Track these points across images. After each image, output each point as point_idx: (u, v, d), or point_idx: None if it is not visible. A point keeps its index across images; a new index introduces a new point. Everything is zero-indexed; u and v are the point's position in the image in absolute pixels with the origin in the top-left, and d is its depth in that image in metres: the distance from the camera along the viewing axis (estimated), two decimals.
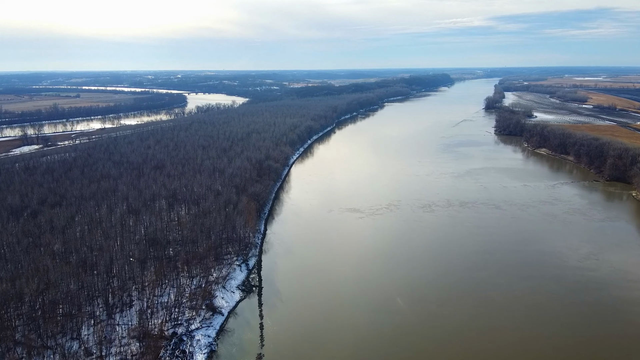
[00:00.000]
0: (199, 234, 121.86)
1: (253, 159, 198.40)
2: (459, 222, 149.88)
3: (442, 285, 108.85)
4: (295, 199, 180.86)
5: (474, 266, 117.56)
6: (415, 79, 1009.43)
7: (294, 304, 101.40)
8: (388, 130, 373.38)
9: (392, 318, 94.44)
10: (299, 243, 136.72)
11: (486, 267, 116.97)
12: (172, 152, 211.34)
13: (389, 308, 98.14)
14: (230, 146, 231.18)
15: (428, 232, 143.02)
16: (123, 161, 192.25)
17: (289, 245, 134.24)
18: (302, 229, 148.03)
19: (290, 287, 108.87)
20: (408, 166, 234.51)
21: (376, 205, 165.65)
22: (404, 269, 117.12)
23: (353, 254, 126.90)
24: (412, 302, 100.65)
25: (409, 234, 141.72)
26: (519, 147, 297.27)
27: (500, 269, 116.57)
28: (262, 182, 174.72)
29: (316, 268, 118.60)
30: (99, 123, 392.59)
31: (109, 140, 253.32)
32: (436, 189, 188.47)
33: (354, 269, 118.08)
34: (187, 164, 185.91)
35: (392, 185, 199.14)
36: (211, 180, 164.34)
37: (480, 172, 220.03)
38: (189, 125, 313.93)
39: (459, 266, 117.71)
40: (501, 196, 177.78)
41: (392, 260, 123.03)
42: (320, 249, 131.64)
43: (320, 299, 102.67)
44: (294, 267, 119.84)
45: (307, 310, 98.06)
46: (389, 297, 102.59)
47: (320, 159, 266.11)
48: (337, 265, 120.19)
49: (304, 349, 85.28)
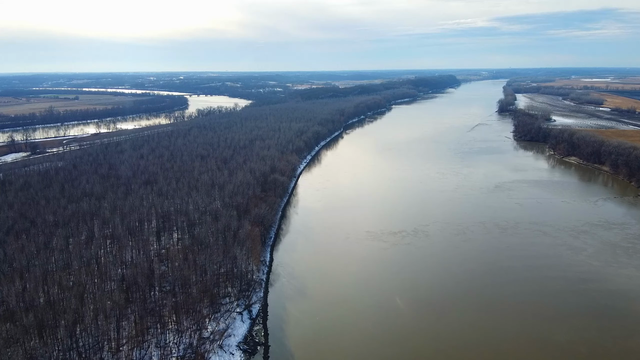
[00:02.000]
0: (192, 270, 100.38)
1: (257, 172, 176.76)
2: (505, 256, 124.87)
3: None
4: (305, 218, 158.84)
5: (549, 329, 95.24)
6: (421, 81, 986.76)
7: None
8: (399, 135, 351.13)
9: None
10: (311, 279, 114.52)
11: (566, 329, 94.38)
12: (167, 163, 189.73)
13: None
14: (231, 155, 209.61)
15: (469, 271, 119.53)
16: (111, 175, 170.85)
17: (300, 281, 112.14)
18: (314, 260, 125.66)
19: (303, 346, 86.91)
20: (429, 179, 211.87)
21: (400, 231, 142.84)
22: (450, 322, 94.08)
23: (379, 298, 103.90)
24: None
25: (447, 274, 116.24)
26: (544, 154, 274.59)
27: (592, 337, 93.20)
28: (267, 199, 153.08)
29: (333, 315, 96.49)
30: (94, 127, 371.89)
31: (100, 149, 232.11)
32: (466, 209, 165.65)
33: (383, 319, 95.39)
34: (182, 178, 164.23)
35: (415, 203, 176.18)
36: (209, 198, 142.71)
37: (511, 185, 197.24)
38: (188, 131, 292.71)
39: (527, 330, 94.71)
40: (542, 216, 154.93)
41: (434, 310, 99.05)
42: (336, 289, 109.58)
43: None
44: (307, 315, 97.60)
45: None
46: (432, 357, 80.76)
47: (330, 168, 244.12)
48: (358, 313, 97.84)
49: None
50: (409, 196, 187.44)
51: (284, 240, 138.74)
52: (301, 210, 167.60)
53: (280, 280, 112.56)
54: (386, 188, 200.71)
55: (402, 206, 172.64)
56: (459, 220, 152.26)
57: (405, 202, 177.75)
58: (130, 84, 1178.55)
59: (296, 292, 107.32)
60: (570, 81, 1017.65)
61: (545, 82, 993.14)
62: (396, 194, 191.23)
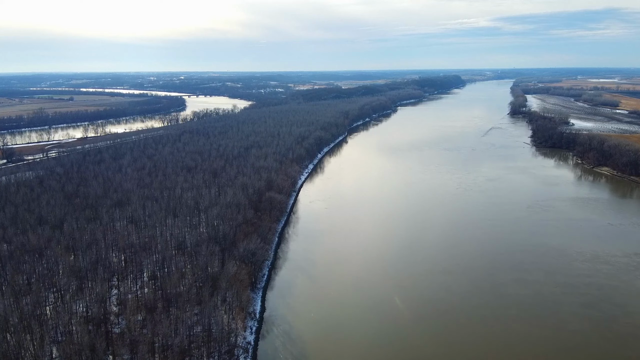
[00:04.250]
0: (155, 333, 75.68)
1: (250, 188, 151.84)
2: (568, 312, 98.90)
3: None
4: (307, 247, 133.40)
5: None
6: (426, 81, 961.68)
7: None
8: (408, 140, 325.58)
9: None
10: (314, 339, 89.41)
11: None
12: (147, 177, 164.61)
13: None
14: (222, 167, 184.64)
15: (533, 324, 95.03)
16: (79, 193, 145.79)
17: (299, 344, 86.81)
18: (319, 310, 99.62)
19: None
20: (451, 195, 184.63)
21: (426, 270, 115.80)
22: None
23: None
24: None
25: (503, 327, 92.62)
26: (568, 163, 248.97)
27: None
28: (261, 224, 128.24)
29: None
30: (81, 131, 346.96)
31: (77, 158, 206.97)
32: (502, 239, 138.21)
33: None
34: (160, 198, 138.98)
35: (441, 230, 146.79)
36: (190, 226, 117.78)
37: (544, 205, 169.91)
38: (179, 136, 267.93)
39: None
40: (591, 246, 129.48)
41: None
42: (346, 353, 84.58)
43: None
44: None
45: None
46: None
47: (334, 180, 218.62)
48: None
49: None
50: (429, 218, 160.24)
51: (280, 279, 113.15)
52: (302, 236, 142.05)
53: (273, 341, 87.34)
54: (400, 206, 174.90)
55: (422, 232, 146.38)
56: (494, 255, 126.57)
57: (426, 227, 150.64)
58: (130, 84, 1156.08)
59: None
60: (578, 82, 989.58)
61: (552, 83, 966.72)
62: (413, 215, 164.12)
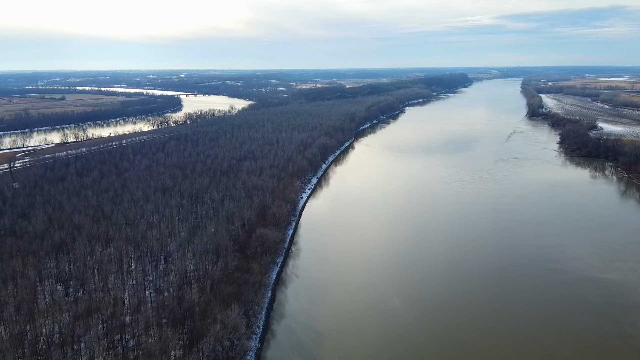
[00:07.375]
0: None
1: (238, 220, 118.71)
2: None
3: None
4: (310, 309, 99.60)
5: None
6: (433, 79, 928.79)
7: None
8: (423, 146, 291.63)
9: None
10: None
11: None
12: (108, 203, 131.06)
13: None
14: (207, 186, 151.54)
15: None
16: (15, 229, 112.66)
17: None
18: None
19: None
20: (484, 223, 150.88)
21: (469, 338, 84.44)
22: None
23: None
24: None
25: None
26: (613, 177, 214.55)
27: None
28: (249, 279, 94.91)
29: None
30: (61, 136, 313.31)
31: (37, 173, 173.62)
32: (567, 292, 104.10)
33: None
34: (115, 238, 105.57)
35: (480, 275, 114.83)
36: (151, 284, 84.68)
37: (608, 241, 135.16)
38: (164, 144, 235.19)
39: None
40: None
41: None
42: None
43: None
44: None
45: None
46: None
47: (343, 199, 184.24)
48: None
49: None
50: (465, 258, 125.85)
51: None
52: (303, 289, 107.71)
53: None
54: (426, 241, 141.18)
55: (459, 276, 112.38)
56: (555, 317, 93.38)
57: (462, 270, 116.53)
58: (128, 82, 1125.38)
59: None
60: (588, 80, 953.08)
61: (561, 82, 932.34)
62: (444, 251, 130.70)
